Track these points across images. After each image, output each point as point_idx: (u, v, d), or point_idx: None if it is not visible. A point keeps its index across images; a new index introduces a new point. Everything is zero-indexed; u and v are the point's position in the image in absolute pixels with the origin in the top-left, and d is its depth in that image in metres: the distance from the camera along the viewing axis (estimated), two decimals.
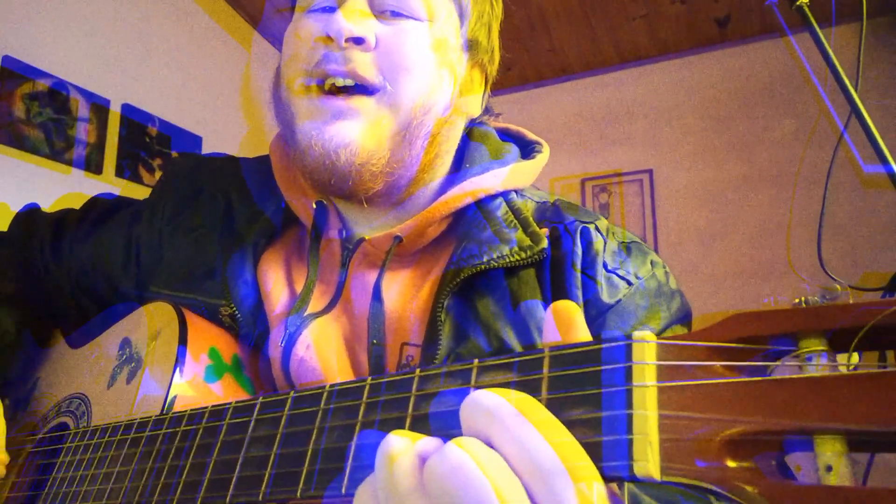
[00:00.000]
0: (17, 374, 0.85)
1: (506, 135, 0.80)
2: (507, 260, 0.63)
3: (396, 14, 0.65)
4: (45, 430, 0.72)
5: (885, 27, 2.75)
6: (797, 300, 0.31)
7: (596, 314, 0.63)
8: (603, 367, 0.33)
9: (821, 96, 1.34)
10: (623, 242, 0.68)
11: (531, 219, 0.68)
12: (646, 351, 0.32)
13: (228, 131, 3.01)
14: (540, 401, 0.34)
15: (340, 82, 0.63)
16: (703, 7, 2.89)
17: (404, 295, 0.66)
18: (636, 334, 0.33)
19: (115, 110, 2.54)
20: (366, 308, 0.66)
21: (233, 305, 0.68)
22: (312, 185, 0.67)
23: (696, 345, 0.32)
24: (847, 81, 1.20)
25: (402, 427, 0.38)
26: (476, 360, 0.38)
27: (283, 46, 0.69)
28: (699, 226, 3.08)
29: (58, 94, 2.33)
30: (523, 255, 0.63)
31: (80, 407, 0.69)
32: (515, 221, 0.67)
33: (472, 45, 0.72)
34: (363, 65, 0.63)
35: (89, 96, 2.44)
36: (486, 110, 0.78)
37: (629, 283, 0.65)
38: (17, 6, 2.21)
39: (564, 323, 0.41)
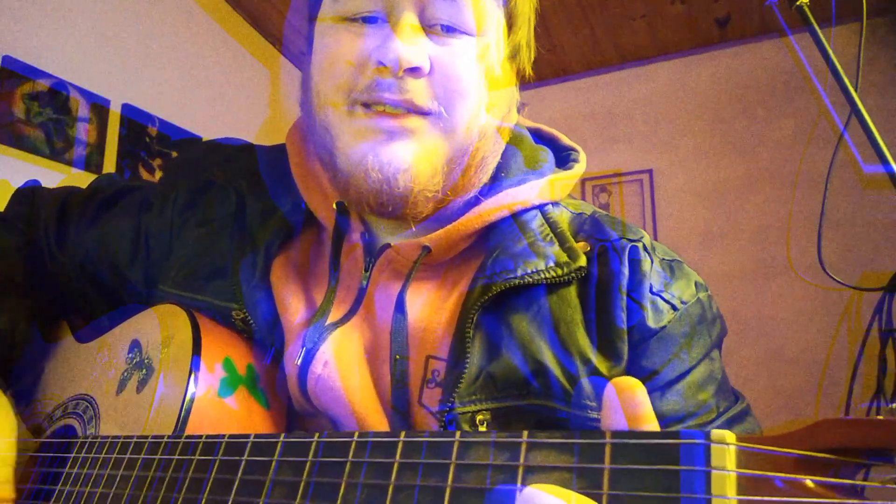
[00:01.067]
0: (22, 368, 0.81)
1: (539, 137, 0.75)
2: (543, 276, 0.60)
3: (448, 29, 0.61)
4: (51, 431, 0.71)
5: (885, 27, 2.76)
6: (894, 406, 0.28)
7: (640, 340, 0.60)
8: (681, 470, 0.30)
9: (821, 96, 1.34)
10: (665, 261, 0.65)
11: (568, 233, 0.64)
12: (726, 457, 0.29)
13: (228, 131, 3.00)
14: (600, 497, 0.31)
15: (392, 110, 0.60)
16: (703, 7, 2.89)
17: (429, 307, 0.63)
18: (715, 434, 0.30)
19: (115, 110, 2.54)
20: (388, 320, 0.62)
21: (244, 310, 0.65)
22: (359, 208, 0.63)
23: (781, 452, 0.29)
24: (847, 81, 1.20)
25: (440, 498, 0.36)
26: (525, 434, 0.35)
27: (317, 57, 0.64)
28: (699, 226, 3.08)
29: (58, 94, 2.33)
30: (560, 271, 0.60)
31: (87, 410, 0.68)
32: (552, 235, 0.64)
33: (514, 52, 0.69)
34: (419, 94, 0.60)
35: (89, 96, 2.44)
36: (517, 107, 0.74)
37: (674, 308, 0.61)
38: (17, 6, 2.21)
39: (629, 404, 0.37)
